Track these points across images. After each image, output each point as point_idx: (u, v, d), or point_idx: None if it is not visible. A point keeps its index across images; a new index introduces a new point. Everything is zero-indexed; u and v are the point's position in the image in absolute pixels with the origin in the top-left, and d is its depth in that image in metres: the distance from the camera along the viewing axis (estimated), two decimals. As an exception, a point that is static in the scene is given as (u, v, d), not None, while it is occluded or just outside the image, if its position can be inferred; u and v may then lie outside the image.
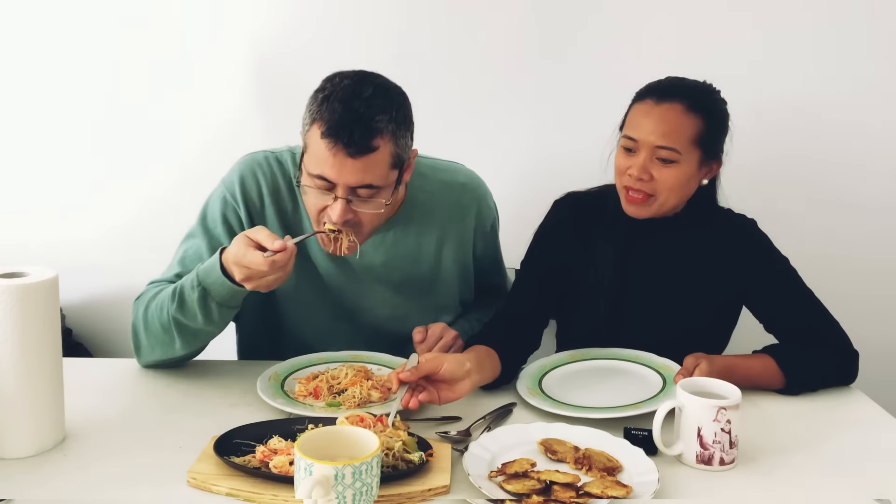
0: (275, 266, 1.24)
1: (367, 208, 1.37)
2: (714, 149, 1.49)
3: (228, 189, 1.52)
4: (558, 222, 1.61)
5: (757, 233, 1.55)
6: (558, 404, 1.35)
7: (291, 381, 1.42)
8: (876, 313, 2.23)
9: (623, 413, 1.29)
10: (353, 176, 1.32)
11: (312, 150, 1.34)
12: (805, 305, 1.50)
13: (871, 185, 2.19)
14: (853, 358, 1.48)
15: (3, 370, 1.12)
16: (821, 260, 2.17)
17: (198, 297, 1.33)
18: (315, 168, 1.33)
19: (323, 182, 1.34)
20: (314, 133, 1.33)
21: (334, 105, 1.31)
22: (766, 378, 1.42)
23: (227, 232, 1.50)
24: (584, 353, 1.54)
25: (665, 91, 1.46)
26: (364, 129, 1.30)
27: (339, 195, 1.34)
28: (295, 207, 1.54)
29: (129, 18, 2.14)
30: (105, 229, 2.24)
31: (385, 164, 1.34)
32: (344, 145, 1.29)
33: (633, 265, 1.55)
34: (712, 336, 1.58)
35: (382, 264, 1.56)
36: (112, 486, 1.10)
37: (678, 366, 1.41)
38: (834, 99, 2.14)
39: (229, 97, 2.17)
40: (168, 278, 1.49)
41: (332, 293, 1.58)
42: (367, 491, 0.95)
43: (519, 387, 1.41)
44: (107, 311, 2.29)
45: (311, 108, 1.35)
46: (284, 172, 1.54)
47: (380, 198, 1.37)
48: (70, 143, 2.20)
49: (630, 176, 1.46)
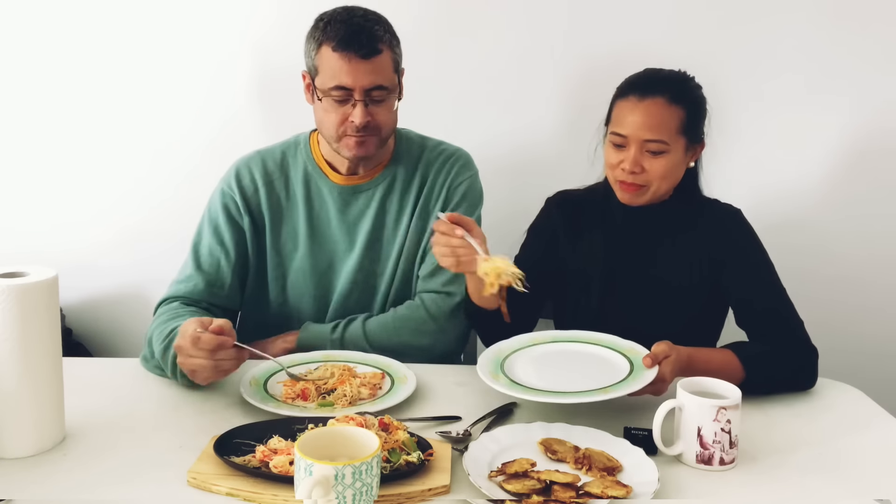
0: (198, 343, 1.28)
1: (382, 110, 1.55)
2: (697, 133, 1.55)
3: (226, 182, 1.67)
4: (550, 220, 1.66)
5: (741, 221, 1.58)
6: (526, 389, 1.30)
7: (274, 384, 1.41)
8: (876, 313, 2.23)
9: (593, 398, 1.25)
10: (366, 78, 1.50)
11: (326, 67, 1.52)
12: (775, 300, 1.52)
13: (872, 182, 2.19)
14: (813, 358, 1.47)
15: (3, 370, 1.12)
16: (821, 260, 2.19)
17: (171, 374, 1.41)
18: (332, 81, 1.51)
19: (341, 91, 1.51)
20: (325, 52, 1.52)
21: (337, 25, 1.51)
22: (726, 372, 1.37)
23: (228, 220, 1.64)
24: (546, 335, 1.50)
25: (646, 85, 1.51)
26: (369, 35, 1.50)
27: (358, 98, 1.52)
28: (287, 194, 1.67)
29: (132, 21, 2.14)
30: (105, 229, 2.24)
31: (389, 66, 1.54)
32: (355, 51, 1.49)
33: (623, 260, 1.58)
34: (704, 327, 1.61)
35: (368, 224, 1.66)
36: (112, 486, 1.10)
37: (644, 349, 1.38)
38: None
39: (229, 99, 2.17)
40: (185, 279, 1.61)
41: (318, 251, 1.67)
42: (367, 491, 0.95)
43: (480, 371, 1.35)
44: (107, 311, 2.29)
45: (315, 36, 1.54)
46: (276, 160, 1.69)
47: (391, 99, 1.56)
48: (69, 143, 2.20)
49: (623, 170, 1.51)
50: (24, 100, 2.18)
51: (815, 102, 2.14)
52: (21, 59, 2.16)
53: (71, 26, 2.15)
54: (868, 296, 2.22)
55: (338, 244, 1.66)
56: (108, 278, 2.27)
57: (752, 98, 2.13)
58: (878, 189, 2.19)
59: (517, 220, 1.72)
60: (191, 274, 1.60)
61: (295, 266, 1.66)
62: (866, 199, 2.20)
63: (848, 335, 1.50)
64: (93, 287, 2.27)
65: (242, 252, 1.65)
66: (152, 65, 2.16)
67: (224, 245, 1.62)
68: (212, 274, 1.61)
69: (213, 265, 1.61)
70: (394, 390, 1.39)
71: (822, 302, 1.53)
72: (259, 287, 1.68)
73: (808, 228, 2.19)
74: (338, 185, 1.65)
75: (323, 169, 1.66)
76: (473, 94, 2.16)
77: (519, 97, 2.16)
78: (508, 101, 2.16)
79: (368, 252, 1.66)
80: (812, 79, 2.13)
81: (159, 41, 2.15)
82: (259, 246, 1.66)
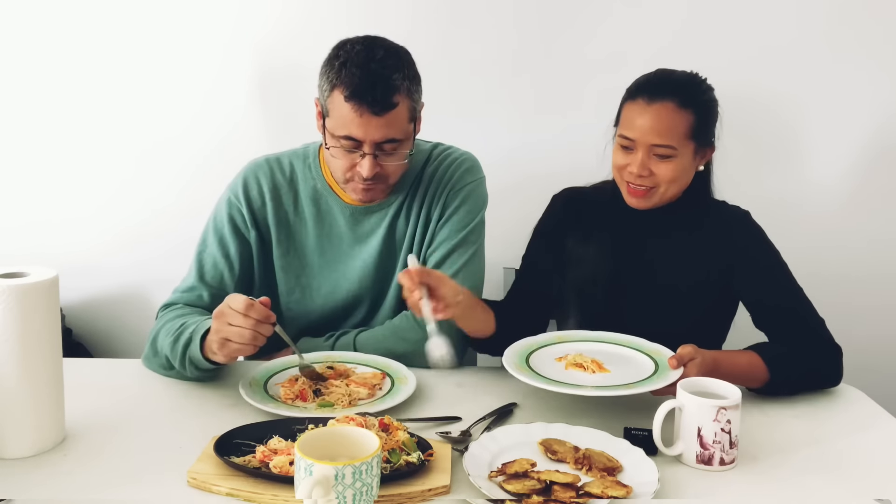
0: (250, 310, 1.28)
1: (392, 160, 1.50)
2: (707, 137, 1.53)
3: (233, 191, 1.63)
4: (556, 217, 1.64)
5: (750, 223, 1.57)
6: (552, 382, 1.30)
7: (274, 384, 1.42)
8: (876, 313, 2.23)
9: (618, 392, 1.26)
10: (378, 132, 1.44)
11: (337, 115, 1.45)
12: (792, 299, 1.51)
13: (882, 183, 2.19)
14: (837, 356, 1.46)
15: (3, 370, 1.12)
16: (821, 260, 2.19)
17: (179, 364, 1.41)
18: (342, 130, 1.45)
19: (350, 142, 1.46)
20: (336, 98, 1.44)
21: (352, 70, 1.42)
22: (751, 374, 1.40)
23: (233, 231, 1.60)
24: (571, 334, 1.51)
25: (656, 88, 1.49)
26: (384, 89, 1.42)
27: (367, 151, 1.46)
28: (296, 209, 1.62)
29: (134, 21, 2.15)
30: (106, 229, 2.24)
31: (404, 118, 1.47)
32: (368, 105, 1.41)
33: (630, 259, 1.57)
34: (711, 329, 1.60)
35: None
36: (112, 486, 1.10)
37: (669, 351, 1.39)
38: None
39: (232, 103, 2.17)
40: (188, 289, 1.58)
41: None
42: (367, 491, 0.95)
43: (506, 362, 1.36)
44: (107, 311, 2.29)
45: (329, 76, 1.45)
46: (284, 172, 1.63)
47: (402, 149, 1.50)
48: (70, 143, 2.21)
49: (631, 173, 1.50)
50: (25, 100, 2.19)
51: (827, 105, 2.15)
52: (24, 61, 2.17)
53: (72, 26, 2.15)
54: (868, 296, 2.22)
55: (348, 262, 1.63)
56: (108, 278, 2.27)
57: (759, 100, 2.13)
58: (886, 189, 2.19)
59: (522, 218, 1.69)
60: (194, 285, 1.57)
61: (303, 283, 1.63)
62: (869, 199, 2.20)
63: (848, 335, 1.50)
64: (93, 287, 2.27)
65: (247, 266, 1.61)
66: (155, 65, 2.17)
67: (229, 258, 1.59)
68: (214, 287, 1.57)
69: (217, 278, 1.58)
70: (394, 391, 1.39)
71: (822, 302, 1.53)
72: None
73: (808, 229, 2.20)
74: (350, 206, 1.61)
75: (333, 187, 1.61)
76: (477, 89, 2.15)
77: (520, 96, 2.16)
78: (509, 100, 2.16)
79: (378, 269, 1.63)
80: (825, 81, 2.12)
81: (161, 41, 2.15)
82: (265, 259, 1.63)
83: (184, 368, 1.40)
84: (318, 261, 1.63)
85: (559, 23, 2.13)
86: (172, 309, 1.54)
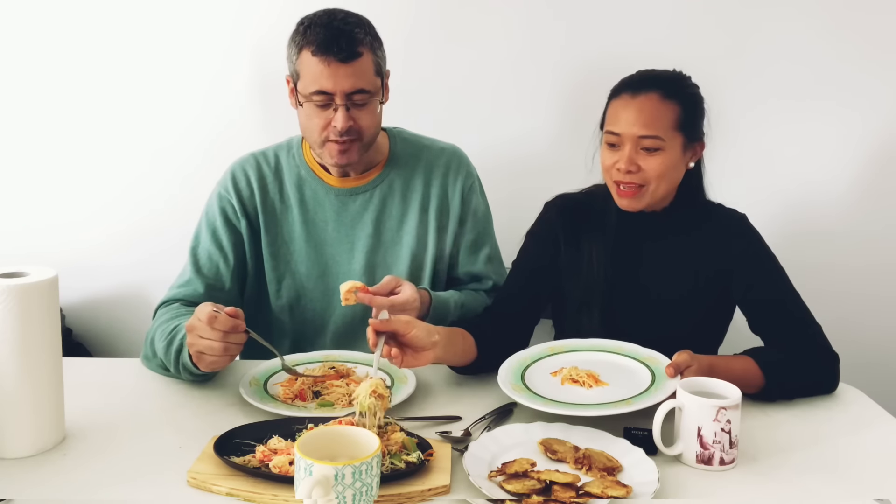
0: (213, 323, 1.27)
1: (364, 114, 1.54)
2: (695, 131, 1.51)
3: (223, 186, 1.68)
4: (549, 223, 1.62)
5: (747, 227, 1.56)
6: (552, 402, 1.28)
7: (273, 384, 1.42)
8: (876, 313, 2.23)
9: (621, 409, 1.25)
10: (346, 81, 1.50)
11: (307, 72, 1.51)
12: (788, 304, 1.50)
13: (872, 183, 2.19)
14: (833, 363, 1.45)
15: (3, 370, 1.13)
16: (820, 260, 2.19)
17: (174, 369, 1.42)
18: (313, 85, 1.50)
19: (322, 96, 1.51)
20: (305, 57, 1.51)
21: (317, 29, 1.50)
22: (746, 380, 1.36)
23: (225, 223, 1.64)
24: (563, 344, 1.49)
25: (639, 84, 1.49)
26: (348, 39, 1.49)
27: (339, 102, 1.51)
28: (281, 197, 1.67)
29: (133, 22, 2.14)
30: (105, 229, 2.24)
31: (370, 69, 1.53)
32: (334, 55, 1.48)
33: (624, 264, 1.55)
34: (707, 333, 1.59)
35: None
36: (112, 486, 1.10)
37: (664, 357, 1.38)
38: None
39: (230, 100, 2.17)
40: (184, 283, 1.60)
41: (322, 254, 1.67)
42: (367, 491, 0.95)
43: (501, 383, 1.33)
44: (107, 311, 2.29)
45: (296, 40, 1.53)
46: (269, 164, 1.69)
47: (373, 102, 1.54)
48: (70, 143, 2.20)
49: (618, 170, 1.48)
50: (24, 100, 2.18)
51: (820, 108, 2.15)
52: (23, 62, 2.16)
53: (71, 26, 2.15)
54: (868, 296, 2.22)
55: (336, 246, 1.66)
56: (108, 278, 2.27)
57: (753, 102, 2.13)
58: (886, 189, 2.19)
59: (515, 224, 1.69)
60: (190, 278, 1.60)
61: (292, 269, 1.66)
62: (867, 200, 2.20)
63: (848, 335, 1.49)
64: (93, 287, 2.27)
65: (241, 255, 1.65)
66: (153, 65, 2.16)
67: (223, 249, 1.62)
68: (211, 278, 1.60)
69: (212, 269, 1.61)
70: (394, 390, 1.39)
71: (822, 302, 1.53)
72: (258, 290, 1.68)
73: (807, 229, 2.20)
74: (334, 188, 1.65)
75: (317, 172, 1.66)
76: (471, 96, 2.15)
77: (516, 100, 2.16)
78: (506, 104, 2.16)
79: (371, 254, 1.65)
80: (816, 83, 2.13)
81: (160, 42, 2.15)
82: (256, 249, 1.66)
83: (178, 373, 1.41)
84: (304, 246, 1.65)
85: (559, 27, 2.13)
86: (168, 308, 1.54)
